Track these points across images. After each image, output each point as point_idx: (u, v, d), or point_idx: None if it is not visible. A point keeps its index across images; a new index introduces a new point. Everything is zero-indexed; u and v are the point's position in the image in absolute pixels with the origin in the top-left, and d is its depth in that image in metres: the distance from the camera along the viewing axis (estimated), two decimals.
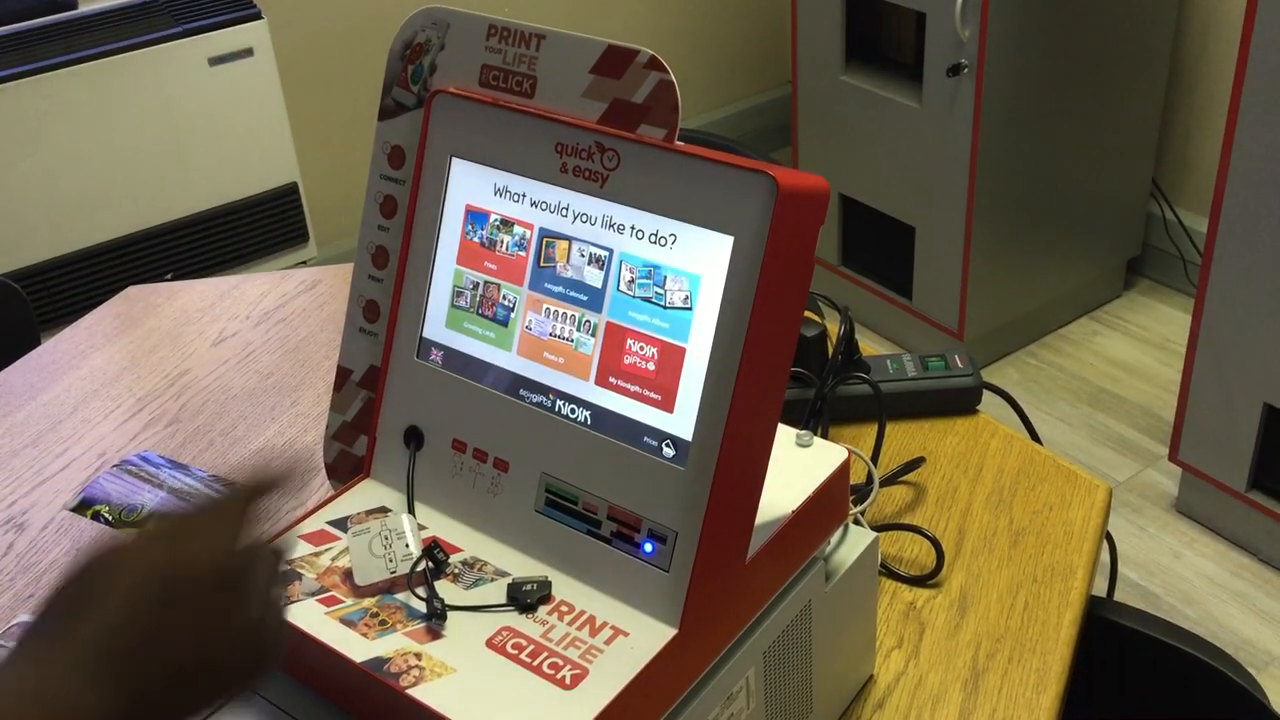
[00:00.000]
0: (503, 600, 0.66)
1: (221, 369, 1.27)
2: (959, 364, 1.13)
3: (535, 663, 0.62)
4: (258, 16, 2.17)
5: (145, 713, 0.51)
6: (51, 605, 0.52)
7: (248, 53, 2.18)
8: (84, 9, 2.14)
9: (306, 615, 0.66)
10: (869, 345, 1.18)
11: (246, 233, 2.29)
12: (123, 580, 0.51)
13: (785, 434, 0.76)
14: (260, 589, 0.55)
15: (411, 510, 0.73)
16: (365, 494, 0.75)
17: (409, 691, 0.61)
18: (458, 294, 0.73)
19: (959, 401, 1.12)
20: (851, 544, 0.80)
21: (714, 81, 3.19)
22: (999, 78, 2.17)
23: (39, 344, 1.36)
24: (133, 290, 1.44)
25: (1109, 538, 1.07)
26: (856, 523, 0.93)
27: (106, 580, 0.51)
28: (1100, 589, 1.04)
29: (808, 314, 1.13)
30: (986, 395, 1.13)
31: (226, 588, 0.53)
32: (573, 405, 0.68)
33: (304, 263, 2.37)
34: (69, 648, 0.50)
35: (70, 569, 0.52)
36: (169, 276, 2.20)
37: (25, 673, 0.49)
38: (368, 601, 0.67)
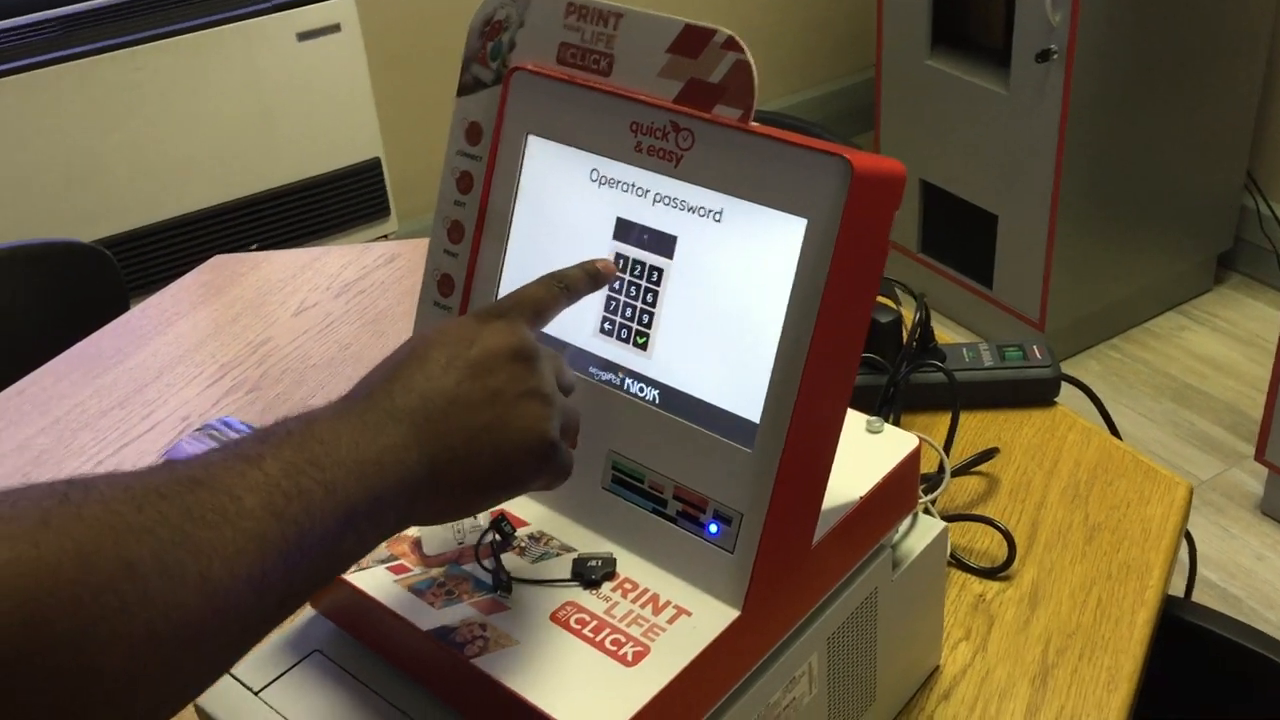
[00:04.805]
0: (567, 575, 0.67)
1: (302, 338, 1.29)
2: (1037, 355, 1.11)
3: (598, 638, 0.63)
4: None
5: (441, 479, 0.56)
6: (373, 373, 0.59)
7: (335, 28, 2.21)
8: None
9: (375, 581, 0.67)
10: (946, 334, 1.16)
11: (329, 206, 2.33)
12: (437, 353, 0.58)
13: (856, 420, 0.76)
14: (548, 374, 0.61)
15: None
16: None
17: (474, 661, 0.62)
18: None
19: (1036, 393, 1.10)
20: (920, 533, 0.79)
21: (797, 64, 3.16)
22: (1090, 64, 2.12)
23: (128, 309, 1.40)
24: (218, 259, 1.47)
25: (1188, 537, 1.05)
26: (926, 512, 0.92)
27: (424, 353, 0.59)
28: (1178, 589, 1.02)
29: (883, 300, 1.11)
30: (1065, 388, 1.11)
31: (520, 359, 0.60)
32: (641, 384, 0.68)
33: (385, 236, 2.40)
34: (386, 407, 0.56)
35: (397, 349, 0.60)
36: (254, 246, 2.24)
37: (344, 424, 0.54)
38: (435, 571, 0.68)
